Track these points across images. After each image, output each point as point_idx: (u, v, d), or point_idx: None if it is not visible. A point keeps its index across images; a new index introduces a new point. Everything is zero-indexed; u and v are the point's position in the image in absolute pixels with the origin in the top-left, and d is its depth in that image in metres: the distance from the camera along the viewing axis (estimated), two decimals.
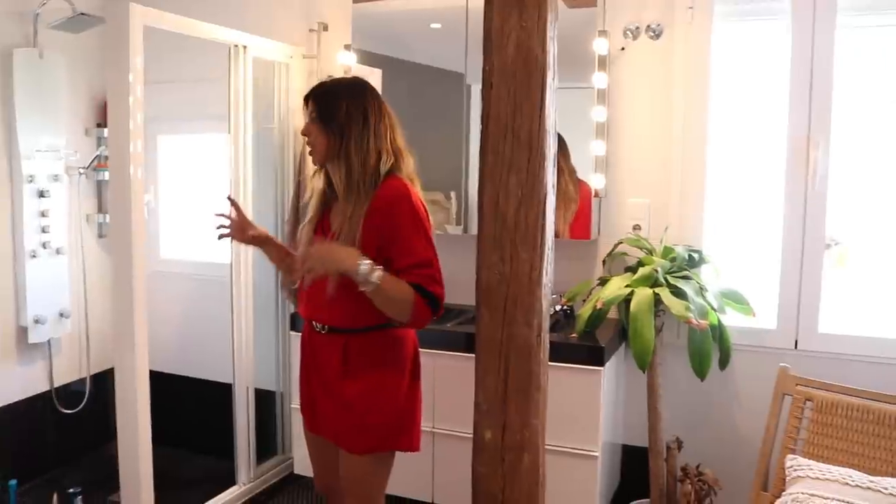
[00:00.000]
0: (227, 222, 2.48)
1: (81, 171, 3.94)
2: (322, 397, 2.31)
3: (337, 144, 2.22)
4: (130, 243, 2.78)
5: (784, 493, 2.41)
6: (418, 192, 2.27)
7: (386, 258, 2.15)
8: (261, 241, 2.50)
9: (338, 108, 2.22)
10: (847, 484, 2.31)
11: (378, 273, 2.07)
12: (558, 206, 2.81)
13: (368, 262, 2.07)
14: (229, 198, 2.53)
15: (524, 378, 1.93)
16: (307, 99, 2.29)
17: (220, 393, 3.78)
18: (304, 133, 2.29)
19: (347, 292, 2.12)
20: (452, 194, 3.54)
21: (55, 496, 3.21)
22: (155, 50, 2.89)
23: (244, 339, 3.54)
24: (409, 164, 2.31)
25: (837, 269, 3.07)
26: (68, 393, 3.95)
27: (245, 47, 3.34)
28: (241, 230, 2.48)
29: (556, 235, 2.85)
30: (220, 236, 2.46)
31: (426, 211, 2.23)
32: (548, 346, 1.98)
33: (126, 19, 2.69)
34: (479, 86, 3.21)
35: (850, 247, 3.07)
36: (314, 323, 2.31)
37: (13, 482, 3.28)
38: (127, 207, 2.77)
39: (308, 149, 2.30)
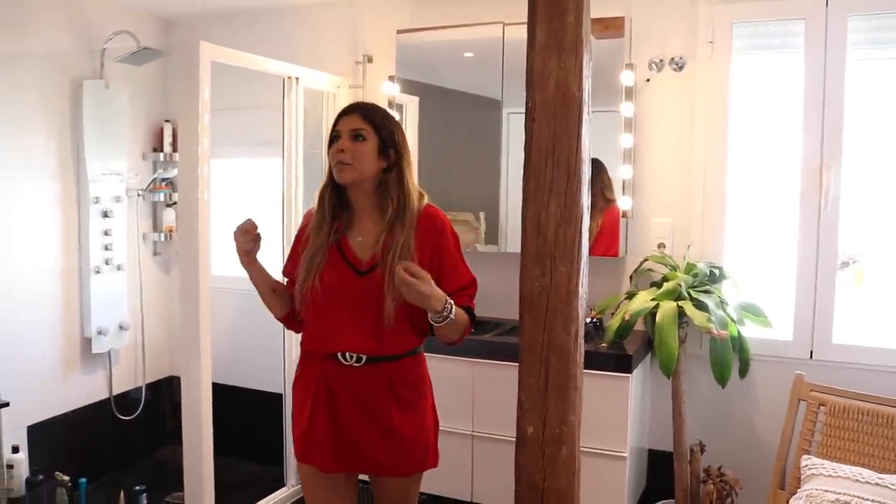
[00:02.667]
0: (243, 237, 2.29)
1: (140, 192, 4.24)
2: (361, 430, 2.20)
3: (380, 170, 2.17)
4: (197, 261, 3.03)
5: (799, 490, 2.62)
6: None
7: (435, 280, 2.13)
8: (252, 262, 2.31)
9: (396, 134, 2.20)
10: (857, 481, 2.51)
11: (453, 309, 2.10)
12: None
13: (451, 301, 2.09)
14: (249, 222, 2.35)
15: (562, 379, 2.15)
16: (354, 110, 2.19)
17: (266, 402, 4.04)
18: (343, 148, 2.13)
19: (381, 318, 2.12)
20: (482, 214, 3.77)
21: (122, 493, 3.46)
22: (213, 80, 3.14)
23: (293, 351, 3.78)
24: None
25: (855, 286, 3.28)
26: (125, 400, 4.23)
27: (297, 79, 3.61)
28: (254, 242, 2.29)
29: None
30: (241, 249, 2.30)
31: None
32: (583, 350, 2.21)
33: (196, 55, 2.97)
34: (511, 110, 3.51)
35: (867, 265, 3.26)
36: (345, 355, 2.18)
37: (83, 480, 3.54)
38: (194, 226, 3.03)
39: (341, 162, 2.13)
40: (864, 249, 3.25)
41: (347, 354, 2.17)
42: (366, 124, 2.14)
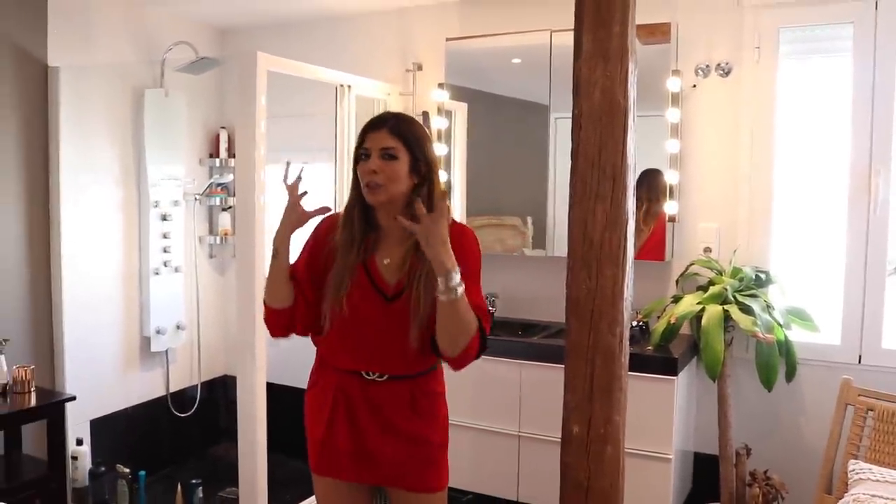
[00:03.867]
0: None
1: (197, 197, 4.38)
2: (386, 443, 2.15)
3: (411, 187, 2.06)
4: (254, 263, 3.15)
5: (846, 494, 2.62)
6: None
7: None
8: (293, 231, 2.16)
9: (427, 148, 2.10)
10: None
11: (462, 290, 1.96)
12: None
13: (458, 274, 1.96)
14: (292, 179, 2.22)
15: (608, 379, 2.21)
16: (383, 125, 2.07)
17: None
18: (375, 169, 2.02)
19: (406, 340, 2.07)
20: (529, 219, 3.83)
21: (179, 487, 3.59)
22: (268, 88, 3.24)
23: None
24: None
25: None
26: (182, 398, 4.37)
27: (349, 87, 3.72)
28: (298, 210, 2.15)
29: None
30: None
31: None
32: (628, 352, 2.26)
33: (254, 65, 3.09)
34: (559, 115, 3.56)
35: None
36: (368, 372, 2.13)
37: (142, 473, 3.68)
38: (251, 230, 3.14)
39: (373, 183, 2.02)
40: None
41: (366, 372, 2.12)
42: (396, 141, 2.03)
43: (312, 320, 2.15)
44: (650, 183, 3.49)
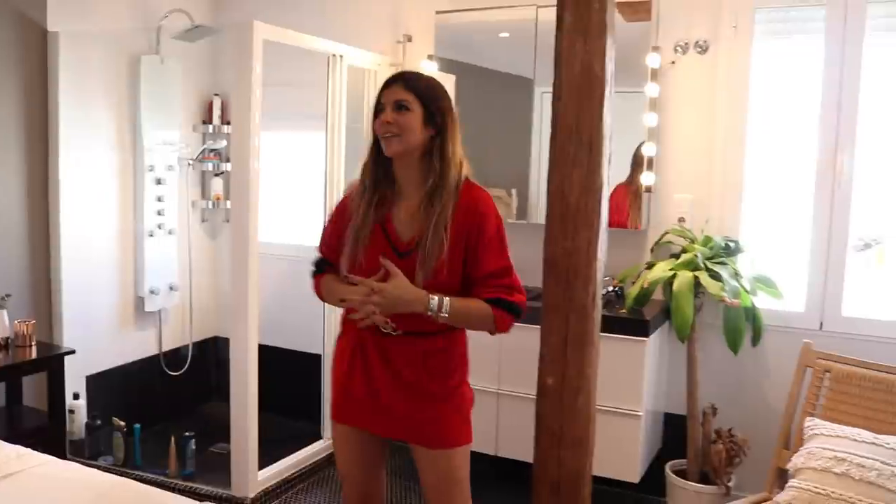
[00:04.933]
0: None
1: (190, 162, 4.49)
2: (396, 398, 2.22)
3: (430, 138, 2.14)
4: (248, 227, 3.27)
5: (801, 448, 2.81)
6: None
7: (469, 264, 2.15)
8: None
9: (441, 100, 2.15)
10: (855, 440, 2.69)
11: (446, 307, 2.06)
12: None
13: (436, 298, 2.06)
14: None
15: (581, 334, 2.36)
16: (397, 81, 2.15)
17: (305, 362, 4.30)
18: (389, 120, 2.10)
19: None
20: (514, 191, 3.97)
21: (172, 439, 3.74)
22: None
23: (332, 313, 4.02)
24: (471, 173, 2.25)
25: (876, 266, 3.43)
26: (174, 357, 4.51)
27: (341, 56, 3.83)
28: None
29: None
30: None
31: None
32: (600, 308, 2.42)
33: (250, 33, 3.20)
34: (544, 90, 3.69)
35: (889, 246, 3.40)
36: (382, 327, 2.17)
37: (137, 426, 3.83)
38: (245, 194, 3.27)
39: (388, 134, 2.11)
40: (887, 231, 3.39)
41: (386, 325, 2.17)
42: (409, 94, 2.11)
43: None
44: None
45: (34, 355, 3.35)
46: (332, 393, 2.34)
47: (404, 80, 2.14)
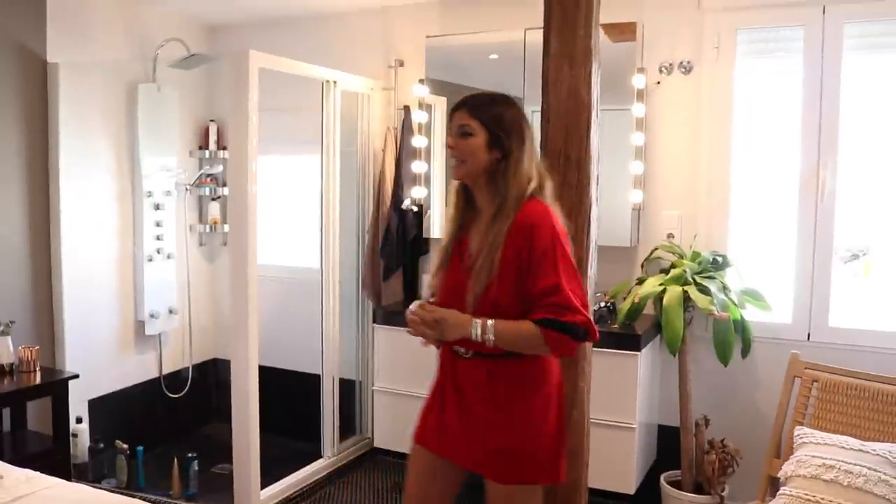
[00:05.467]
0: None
1: (187, 187, 4.57)
2: (460, 421, 2.19)
3: (496, 160, 2.13)
4: (247, 250, 3.33)
5: (791, 456, 2.88)
6: (559, 215, 2.16)
7: (523, 283, 2.09)
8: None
9: (503, 122, 2.13)
10: (843, 447, 2.77)
11: (490, 330, 2.03)
12: None
13: (479, 322, 2.04)
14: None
15: None
16: (461, 106, 2.17)
17: (304, 382, 4.36)
18: (452, 145, 2.16)
19: (494, 317, 2.08)
20: None
21: (175, 460, 3.80)
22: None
23: (331, 335, 4.10)
24: (551, 188, 2.19)
25: (863, 278, 3.52)
26: (174, 379, 4.57)
27: (335, 82, 3.92)
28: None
29: None
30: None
31: (566, 235, 2.13)
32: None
33: (246, 62, 3.28)
34: (534, 108, 3.78)
35: (876, 258, 3.49)
36: (456, 347, 2.18)
37: (140, 448, 3.88)
38: (244, 218, 3.33)
39: (453, 160, 2.18)
40: (874, 243, 3.49)
41: (456, 347, 2.17)
42: (472, 119, 2.13)
43: None
44: None
45: (38, 380, 3.41)
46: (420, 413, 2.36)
47: (468, 106, 2.16)
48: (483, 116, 2.12)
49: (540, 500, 2.21)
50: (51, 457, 3.37)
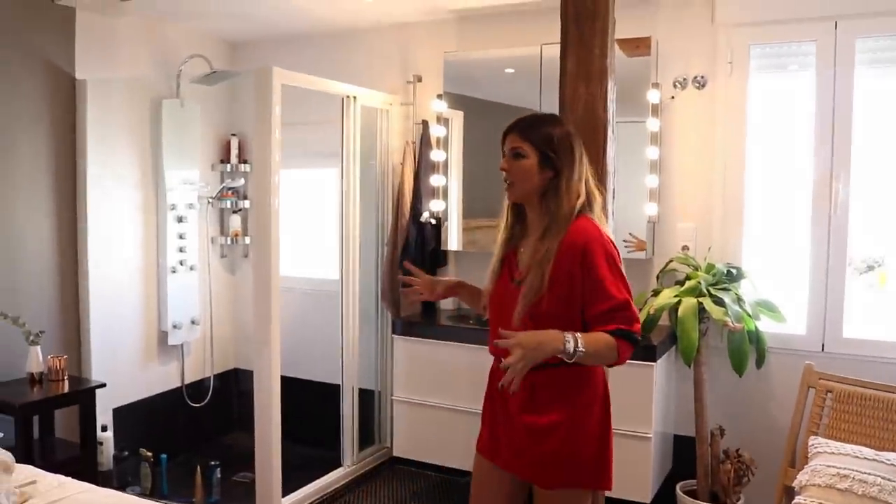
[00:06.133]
0: (416, 288, 2.48)
1: (209, 200, 4.67)
2: (507, 431, 2.28)
3: (546, 181, 2.19)
4: (269, 262, 3.41)
5: (806, 466, 2.92)
6: (608, 231, 2.24)
7: (581, 301, 2.14)
8: (453, 291, 2.54)
9: (553, 141, 2.19)
10: (857, 457, 2.81)
11: (581, 344, 2.05)
12: None
13: (570, 336, 2.05)
14: (406, 265, 2.61)
15: None
16: (513, 129, 2.25)
17: (324, 392, 4.42)
18: (506, 168, 2.23)
19: (534, 328, 2.13)
20: None
21: (199, 468, 3.87)
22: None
23: (351, 345, 4.17)
24: (599, 204, 2.25)
25: (879, 288, 3.56)
26: (196, 389, 4.65)
27: (355, 97, 4.01)
28: (430, 289, 2.48)
29: None
30: (412, 301, 2.50)
31: (616, 249, 2.19)
32: None
33: (270, 79, 3.37)
34: None
35: (891, 268, 3.53)
36: (503, 359, 2.15)
37: (164, 456, 3.96)
38: (267, 231, 3.41)
39: (506, 182, 2.25)
40: (889, 254, 3.53)
41: (502, 358, 2.17)
42: (523, 142, 2.20)
43: None
44: None
45: (66, 389, 3.49)
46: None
47: (518, 129, 2.23)
48: (533, 137, 2.19)
49: None
50: (78, 464, 3.44)
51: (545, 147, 2.18)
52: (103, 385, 3.63)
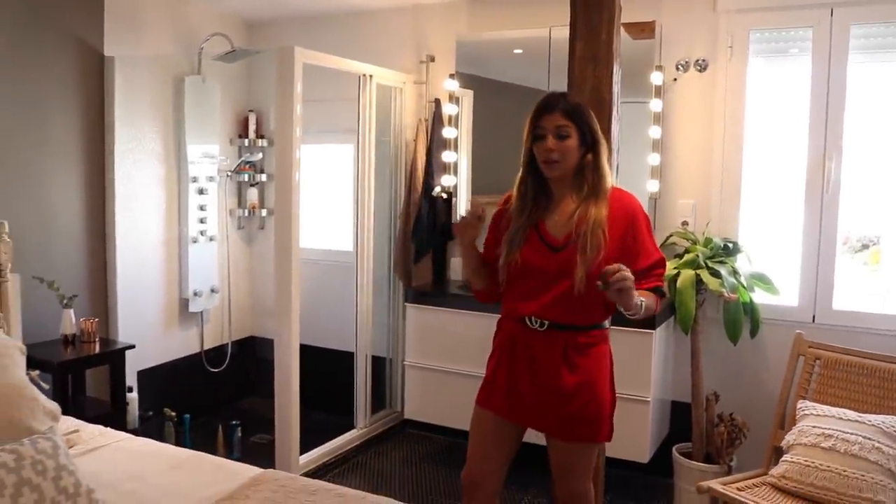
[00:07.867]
0: (471, 217, 2.45)
1: (228, 173, 4.85)
2: (533, 390, 2.40)
3: (582, 156, 2.35)
4: (290, 234, 3.59)
5: (794, 427, 3.12)
6: None
7: (626, 259, 2.27)
8: (474, 246, 2.53)
9: (591, 121, 2.36)
10: (841, 419, 3.01)
11: (642, 300, 2.24)
12: None
13: (637, 292, 2.21)
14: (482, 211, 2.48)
15: None
16: (555, 108, 2.32)
17: (338, 359, 4.61)
18: (553, 147, 2.31)
19: (572, 295, 2.30)
20: None
21: (220, 427, 4.08)
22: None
23: (364, 314, 4.37)
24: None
25: (872, 266, 3.75)
26: (215, 355, 4.86)
27: (371, 76, 4.18)
28: (474, 228, 2.45)
29: None
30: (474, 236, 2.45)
31: None
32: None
33: (292, 58, 3.54)
34: None
35: (885, 247, 3.71)
36: (530, 319, 2.38)
37: (187, 416, 4.17)
38: (288, 203, 3.59)
39: (550, 160, 2.32)
40: (884, 233, 3.71)
41: (533, 318, 2.37)
42: (568, 121, 2.30)
43: None
44: None
45: (98, 350, 3.70)
46: (483, 381, 2.56)
47: (561, 108, 2.33)
48: (575, 117, 2.32)
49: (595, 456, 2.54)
50: (107, 421, 3.64)
51: (584, 126, 2.33)
52: (132, 346, 3.83)
